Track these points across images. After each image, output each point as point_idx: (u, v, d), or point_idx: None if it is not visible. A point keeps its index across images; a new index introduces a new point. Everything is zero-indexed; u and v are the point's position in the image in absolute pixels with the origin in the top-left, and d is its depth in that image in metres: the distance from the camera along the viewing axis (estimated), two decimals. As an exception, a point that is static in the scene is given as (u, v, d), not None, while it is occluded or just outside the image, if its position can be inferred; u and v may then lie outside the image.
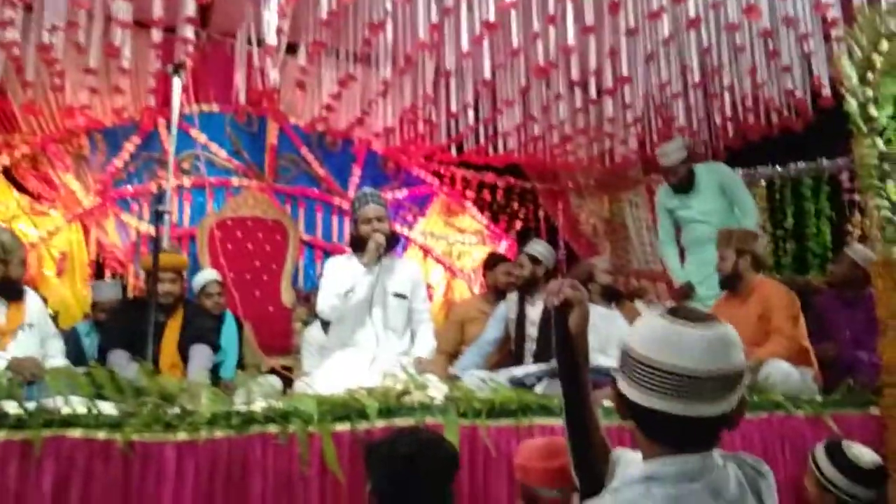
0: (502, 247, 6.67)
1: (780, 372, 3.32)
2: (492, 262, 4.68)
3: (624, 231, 6.64)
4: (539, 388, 3.21)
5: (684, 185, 4.70)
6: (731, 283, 3.81)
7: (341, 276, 3.42)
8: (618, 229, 6.65)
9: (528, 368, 3.50)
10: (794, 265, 5.69)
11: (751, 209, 4.59)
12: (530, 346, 3.86)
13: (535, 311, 3.92)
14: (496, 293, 4.49)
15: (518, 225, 6.91)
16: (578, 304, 1.39)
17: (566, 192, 6.86)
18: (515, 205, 6.92)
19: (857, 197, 5.13)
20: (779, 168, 5.81)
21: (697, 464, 1.09)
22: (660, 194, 4.97)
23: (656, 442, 1.13)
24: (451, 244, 6.67)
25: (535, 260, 4.00)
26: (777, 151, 5.77)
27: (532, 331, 3.88)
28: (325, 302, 3.43)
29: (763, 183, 5.91)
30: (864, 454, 2.23)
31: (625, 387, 1.15)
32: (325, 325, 4.01)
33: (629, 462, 1.24)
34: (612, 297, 4.24)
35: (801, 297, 5.25)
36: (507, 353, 4.02)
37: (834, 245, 5.43)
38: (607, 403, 2.90)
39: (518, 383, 3.22)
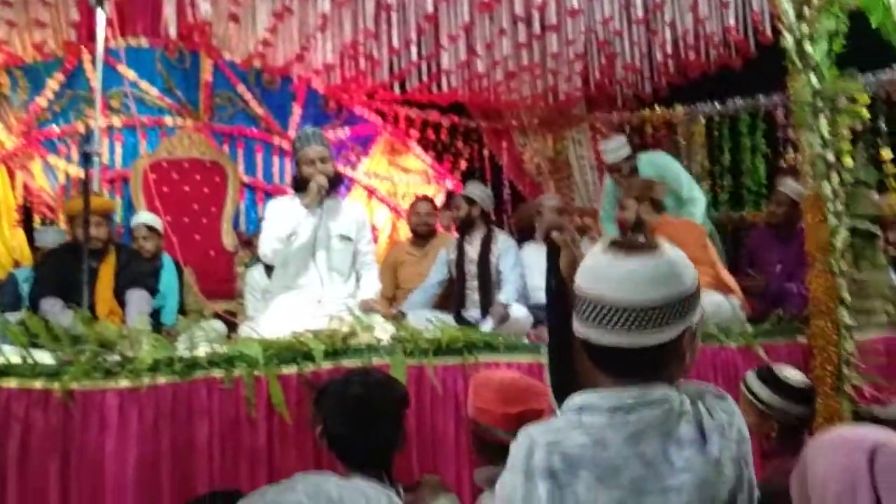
0: (447, 186, 6.65)
1: (712, 303, 3.43)
2: (410, 205, 4.78)
3: (567, 169, 6.68)
4: (485, 327, 3.26)
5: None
6: (637, 232, 3.91)
7: (284, 219, 3.35)
8: (561, 168, 6.69)
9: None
10: (730, 202, 5.85)
11: (696, 198, 4.46)
12: (472, 283, 3.97)
13: (473, 250, 4.02)
14: (416, 235, 4.60)
15: (463, 165, 6.87)
16: (565, 247, 1.39)
17: (510, 131, 6.84)
18: (460, 144, 6.86)
19: (791, 133, 5.27)
20: (718, 105, 5.89)
21: (635, 397, 1.09)
22: (607, 183, 4.93)
23: (601, 371, 1.14)
24: (396, 184, 6.60)
25: (470, 201, 4.06)
26: (717, 88, 5.84)
27: (471, 268, 3.98)
28: (268, 245, 3.38)
29: (702, 120, 6.00)
30: (794, 374, 2.35)
31: (573, 318, 1.16)
32: (269, 268, 3.96)
33: None
34: None
35: (736, 232, 5.43)
36: (452, 292, 4.08)
37: (769, 181, 5.59)
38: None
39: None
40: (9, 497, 2.12)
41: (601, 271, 1.12)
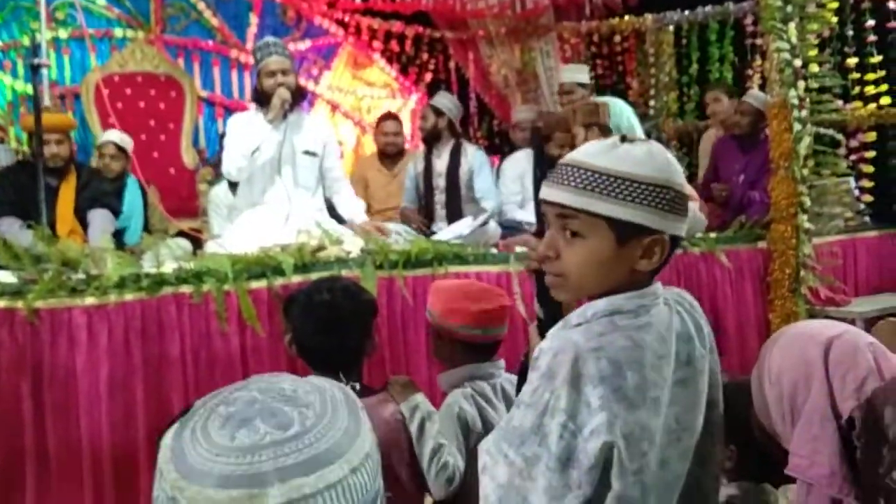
0: (412, 100, 6.51)
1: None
2: (377, 123, 4.70)
3: (535, 81, 6.56)
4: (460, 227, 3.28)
5: None
6: None
7: (246, 135, 3.26)
8: (528, 80, 6.57)
9: (455, 230, 3.46)
10: (696, 111, 5.83)
11: None
12: (440, 198, 3.94)
13: (441, 163, 3.97)
14: (383, 155, 4.51)
15: (428, 77, 6.71)
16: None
17: (476, 42, 6.66)
18: (425, 56, 6.66)
19: (759, 41, 5.22)
20: (687, 13, 5.79)
21: (650, 294, 1.10)
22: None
23: (654, 269, 1.10)
24: (360, 98, 6.44)
25: (437, 112, 3.98)
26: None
27: (440, 182, 3.95)
28: (232, 163, 3.29)
29: (671, 28, 5.90)
30: None
31: (627, 212, 1.04)
32: (233, 185, 3.88)
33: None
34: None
35: (701, 141, 5.44)
36: (420, 206, 4.07)
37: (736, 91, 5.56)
38: (520, 249, 3.01)
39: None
40: (-19, 415, 2.12)
41: (670, 164, 1.08)
